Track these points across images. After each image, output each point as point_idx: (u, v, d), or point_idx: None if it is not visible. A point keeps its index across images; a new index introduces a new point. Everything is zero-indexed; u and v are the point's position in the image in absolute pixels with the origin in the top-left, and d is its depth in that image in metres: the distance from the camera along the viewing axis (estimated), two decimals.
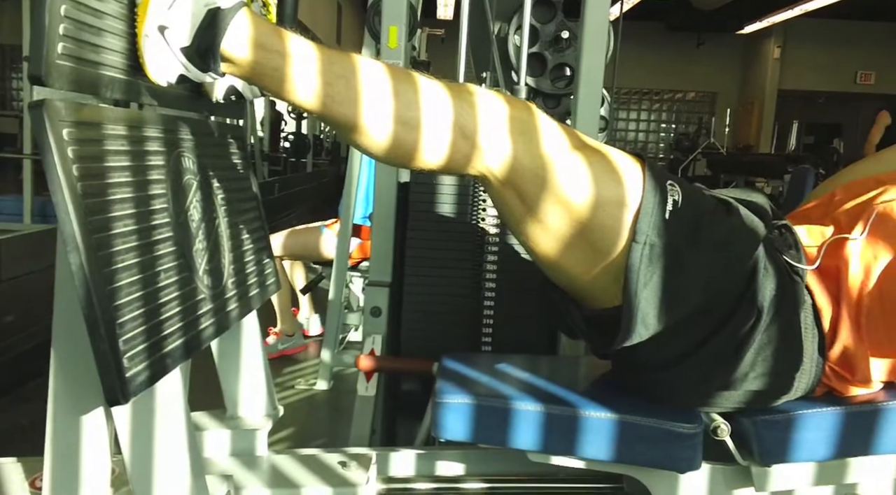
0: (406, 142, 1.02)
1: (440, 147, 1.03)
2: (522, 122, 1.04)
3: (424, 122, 1.01)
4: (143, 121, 0.97)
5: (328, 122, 1.05)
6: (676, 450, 1.09)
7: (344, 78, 0.99)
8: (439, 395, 1.15)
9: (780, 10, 11.34)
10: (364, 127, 1.01)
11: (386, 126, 1.01)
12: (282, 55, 0.97)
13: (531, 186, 1.03)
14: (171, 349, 0.91)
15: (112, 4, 0.90)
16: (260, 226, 1.36)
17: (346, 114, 1.00)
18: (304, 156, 9.31)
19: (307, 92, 0.99)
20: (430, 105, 1.02)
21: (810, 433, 1.10)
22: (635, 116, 15.12)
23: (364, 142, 1.03)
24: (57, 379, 0.91)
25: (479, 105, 1.03)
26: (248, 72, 1.00)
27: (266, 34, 0.98)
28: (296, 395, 2.81)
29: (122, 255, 0.84)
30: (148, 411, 0.94)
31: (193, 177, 1.08)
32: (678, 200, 1.06)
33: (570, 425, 1.10)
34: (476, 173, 1.06)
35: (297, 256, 3.25)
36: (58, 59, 0.78)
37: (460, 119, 1.02)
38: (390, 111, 1.00)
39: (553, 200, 1.03)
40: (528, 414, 1.12)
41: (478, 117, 1.02)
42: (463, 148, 1.03)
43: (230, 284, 1.15)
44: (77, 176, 0.78)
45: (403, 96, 1.01)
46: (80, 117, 0.82)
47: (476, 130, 1.02)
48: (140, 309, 0.86)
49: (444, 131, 1.02)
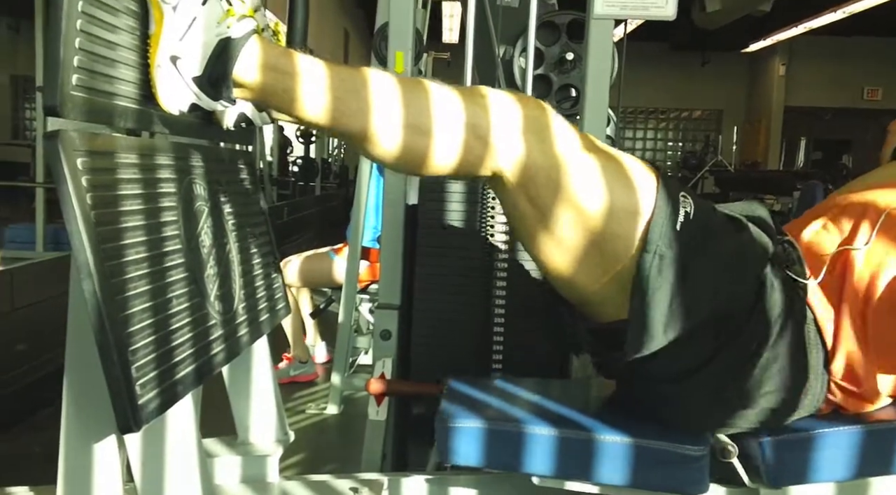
0: (418, 147, 1.02)
1: (453, 149, 1.02)
2: (536, 120, 1.03)
3: (436, 126, 1.01)
4: (155, 149, 0.99)
5: (340, 134, 1.06)
6: (684, 473, 1.07)
7: (354, 91, 1.00)
8: (446, 419, 1.15)
9: (784, 28, 11.39)
10: (375, 136, 1.01)
11: (397, 133, 1.01)
12: (292, 75, 0.98)
13: (543, 187, 1.03)
14: (182, 375, 0.92)
15: (125, 36, 0.91)
16: (270, 250, 1.36)
17: (358, 125, 1.01)
18: (313, 180, 9.36)
19: (318, 109, 0.99)
20: (442, 109, 1.02)
21: (819, 453, 1.09)
22: (642, 135, 15.16)
23: (376, 151, 1.03)
24: (69, 406, 0.91)
25: (491, 105, 1.03)
26: (260, 94, 1.01)
27: (276, 56, 0.99)
28: (306, 420, 2.80)
29: (134, 282, 0.85)
30: (160, 438, 0.94)
31: (204, 204, 1.09)
32: (690, 212, 1.06)
33: (579, 449, 1.10)
34: (489, 174, 1.05)
35: (308, 284, 3.26)
36: (72, 91, 0.80)
37: (473, 120, 1.02)
38: (401, 118, 1.00)
39: (565, 203, 1.02)
40: (537, 437, 1.11)
41: (490, 117, 1.02)
42: (476, 148, 1.02)
43: (241, 309, 1.16)
44: (91, 204, 0.79)
45: (414, 103, 1.01)
46: (94, 147, 0.83)
47: (489, 130, 1.02)
48: (152, 335, 0.86)
49: (457, 133, 1.02)
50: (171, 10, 0.95)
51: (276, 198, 8.06)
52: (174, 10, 0.95)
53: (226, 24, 0.97)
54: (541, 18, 2.42)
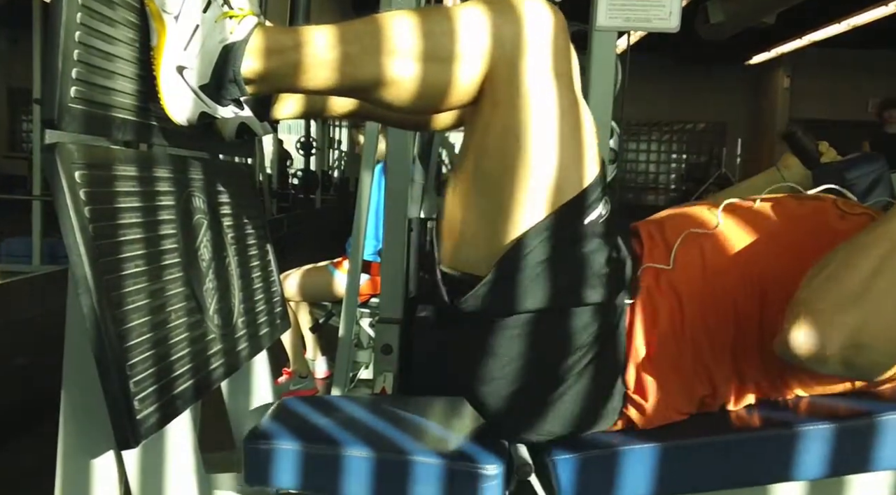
0: (439, 76, 0.99)
1: (475, 67, 0.99)
2: (559, 37, 1.00)
3: (459, 47, 0.98)
4: (154, 161, 0.98)
5: (359, 91, 1.04)
6: (481, 491, 1.05)
7: (359, 37, 0.98)
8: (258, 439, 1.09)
9: (788, 40, 11.43)
10: (392, 76, 0.98)
11: (415, 66, 0.98)
12: (295, 48, 0.97)
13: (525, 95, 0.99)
14: (181, 390, 0.91)
15: (124, 48, 0.91)
16: (269, 264, 1.35)
17: (370, 70, 0.98)
18: (313, 192, 9.37)
19: (327, 68, 0.98)
20: (464, 28, 0.98)
21: (613, 470, 1.08)
22: (645, 147, 15.18)
23: (394, 93, 1.00)
24: (67, 421, 0.90)
25: (523, 10, 0.98)
26: (270, 81, 1.01)
27: (274, 38, 0.99)
28: None
29: (132, 296, 0.84)
30: (158, 454, 0.93)
31: (203, 217, 1.08)
32: (604, 215, 1.06)
33: (391, 470, 1.06)
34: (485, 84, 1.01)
35: (308, 298, 3.24)
36: (70, 103, 0.79)
37: (498, 30, 0.98)
38: (418, 49, 0.97)
39: (527, 117, 0.99)
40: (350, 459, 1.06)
41: (523, 26, 0.98)
42: (497, 60, 0.98)
43: (240, 324, 1.15)
44: (89, 218, 0.79)
45: (430, 31, 0.98)
46: (92, 159, 0.83)
47: (520, 40, 0.98)
48: (151, 350, 0.85)
49: (481, 49, 0.98)
50: (172, 20, 0.94)
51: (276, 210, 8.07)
52: (176, 21, 0.95)
53: (228, 30, 0.97)
54: None
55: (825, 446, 1.08)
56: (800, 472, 1.09)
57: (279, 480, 1.08)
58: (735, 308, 1.12)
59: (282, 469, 1.07)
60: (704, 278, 1.14)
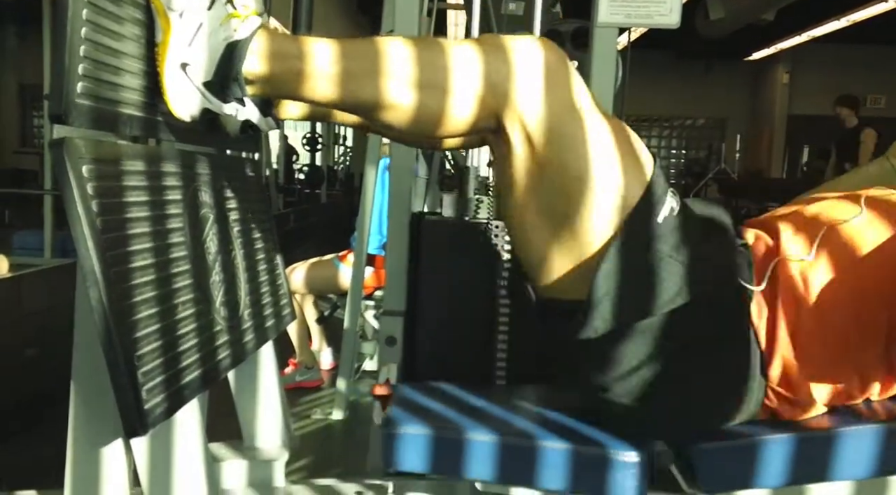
0: (433, 106, 1.00)
1: (469, 103, 1.00)
2: (556, 70, 1.01)
3: (452, 81, 0.99)
4: (161, 156, 0.99)
5: (356, 107, 1.05)
6: (621, 479, 1.06)
7: (362, 58, 1.00)
8: (390, 425, 1.13)
9: (787, 36, 11.38)
10: (389, 99, 0.99)
11: (410, 93, 0.99)
12: (299, 57, 0.99)
13: (551, 138, 1.00)
14: (188, 381, 0.92)
15: (130, 44, 0.92)
16: (275, 257, 1.37)
17: (370, 91, 1.00)
18: (319, 187, 9.37)
19: (329, 83, 0.99)
20: (458, 62, 0.99)
21: (755, 460, 1.08)
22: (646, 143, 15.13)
23: (391, 116, 1.02)
24: (76, 411, 0.92)
25: (511, 52, 1.00)
26: (272, 85, 1.01)
27: (280, 43, 1.00)
28: (312, 425, 2.80)
29: (140, 289, 0.85)
30: (166, 443, 0.94)
31: (210, 211, 1.09)
32: (675, 208, 1.05)
33: (516, 454, 1.09)
34: (498, 125, 1.02)
35: (313, 290, 3.26)
36: (78, 98, 0.81)
37: (491, 70, 0.99)
38: (414, 77, 0.99)
39: (570, 157, 1.00)
40: (479, 444, 1.10)
41: (511, 65, 0.99)
42: (493, 98, 1.00)
43: (247, 316, 1.16)
44: (96, 211, 0.80)
45: (427, 60, 0.99)
46: (99, 154, 0.84)
47: (509, 80, 0.99)
48: (158, 341, 0.87)
49: (474, 86, 0.99)
50: (177, 17, 0.96)
51: (283, 205, 8.08)
52: (181, 17, 0.96)
53: (232, 27, 0.98)
54: (545, 27, 2.43)
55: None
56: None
57: (416, 465, 1.12)
58: (882, 298, 1.11)
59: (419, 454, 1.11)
60: (852, 269, 1.12)
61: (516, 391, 1.44)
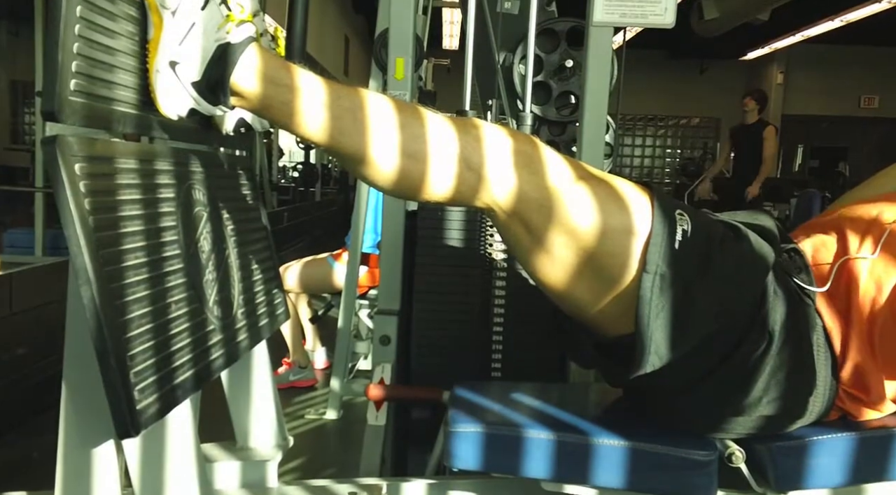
0: (413, 174, 1.03)
1: (446, 179, 1.03)
2: (527, 154, 1.05)
3: (431, 155, 1.02)
4: (154, 154, 0.99)
5: (336, 154, 1.06)
6: (691, 478, 1.07)
7: (351, 111, 1.00)
8: (452, 424, 1.15)
9: (782, 36, 11.42)
10: (371, 159, 1.01)
11: (393, 158, 1.01)
12: (290, 89, 0.99)
13: (537, 217, 1.03)
14: (181, 381, 0.92)
15: (123, 41, 0.92)
16: (269, 256, 1.36)
17: (354, 146, 1.01)
18: (313, 185, 9.36)
19: (315, 125, 1.00)
20: (437, 138, 1.02)
21: (826, 459, 1.09)
22: (640, 142, 15.15)
23: (371, 174, 1.04)
24: (67, 411, 0.91)
25: (484, 138, 1.03)
26: (257, 105, 1.01)
27: (275, 68, 0.99)
28: (305, 425, 2.80)
29: (133, 288, 0.85)
30: (158, 443, 0.94)
31: (203, 209, 1.09)
32: (688, 230, 1.06)
33: (583, 453, 1.10)
34: (482, 205, 1.06)
35: (307, 289, 3.26)
36: (70, 96, 0.80)
37: (466, 151, 1.02)
38: (397, 144, 1.01)
39: (559, 230, 1.03)
40: (540, 442, 1.11)
41: (483, 150, 1.03)
42: (469, 180, 1.03)
43: (240, 315, 1.16)
44: (89, 209, 0.79)
45: (410, 129, 1.02)
46: (92, 152, 0.83)
47: (482, 163, 1.03)
48: (151, 341, 0.86)
49: (450, 164, 1.02)
50: (170, 15, 0.95)
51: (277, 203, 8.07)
52: (173, 16, 0.95)
53: (225, 30, 0.98)
54: (540, 26, 2.43)
55: None
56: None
57: (486, 465, 1.14)
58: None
59: (489, 453, 1.13)
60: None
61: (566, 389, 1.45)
